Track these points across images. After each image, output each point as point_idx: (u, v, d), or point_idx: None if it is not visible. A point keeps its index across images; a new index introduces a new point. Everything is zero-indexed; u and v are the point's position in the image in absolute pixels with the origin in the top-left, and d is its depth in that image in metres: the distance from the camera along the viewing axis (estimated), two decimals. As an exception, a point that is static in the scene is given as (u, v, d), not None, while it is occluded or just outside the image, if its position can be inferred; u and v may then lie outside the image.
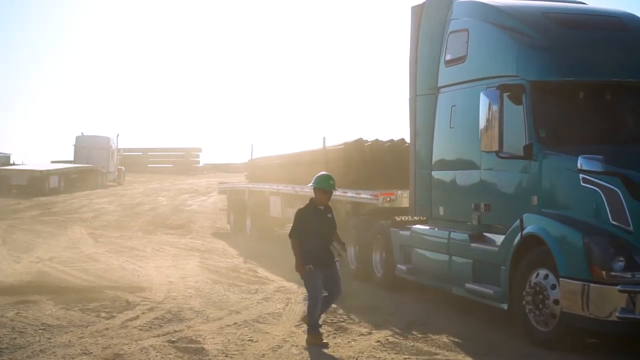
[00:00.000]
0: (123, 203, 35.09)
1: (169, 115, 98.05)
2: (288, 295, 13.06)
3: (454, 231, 11.45)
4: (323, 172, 10.07)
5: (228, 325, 10.60)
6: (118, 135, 50.04)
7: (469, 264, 10.91)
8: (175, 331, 10.19)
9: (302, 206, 9.76)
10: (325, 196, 9.67)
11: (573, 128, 9.97)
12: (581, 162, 8.82)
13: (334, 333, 10.27)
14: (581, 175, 9.11)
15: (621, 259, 8.49)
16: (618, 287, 8.34)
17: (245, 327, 10.56)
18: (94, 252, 18.70)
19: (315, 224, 9.49)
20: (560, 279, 8.92)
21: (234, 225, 24.11)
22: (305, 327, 10.31)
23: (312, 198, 9.74)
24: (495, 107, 9.85)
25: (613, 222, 8.79)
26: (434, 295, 12.34)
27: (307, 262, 9.37)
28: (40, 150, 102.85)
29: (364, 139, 16.26)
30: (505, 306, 9.97)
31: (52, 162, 48.54)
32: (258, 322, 10.90)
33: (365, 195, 14.29)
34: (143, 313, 11.43)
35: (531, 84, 9.96)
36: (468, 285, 10.79)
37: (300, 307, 11.96)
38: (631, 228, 8.64)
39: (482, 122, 10.04)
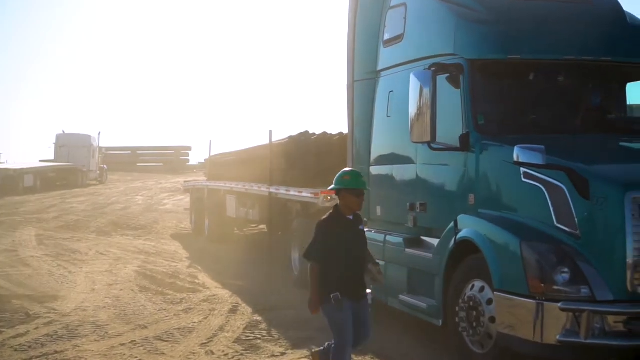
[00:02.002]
0: (96, 202, 33.73)
1: (159, 114, 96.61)
2: (214, 306, 11.62)
3: (390, 234, 10.00)
4: (348, 168, 7.69)
5: (122, 345, 9.18)
6: (100, 133, 48.85)
7: (404, 273, 9.47)
8: (56, 352, 8.79)
9: (323, 217, 7.04)
10: (358, 200, 6.95)
11: (518, 114, 8.53)
12: (518, 154, 7.32)
13: (241, 354, 8.83)
14: (522, 170, 7.64)
15: (565, 270, 7.00)
16: (559, 304, 6.86)
17: (142, 346, 9.13)
18: (30, 255, 17.27)
19: (344, 240, 6.82)
20: (494, 292, 7.46)
21: (195, 226, 22.69)
22: (209, 347, 8.91)
23: (336, 205, 7.03)
24: (426, 91, 8.35)
25: (558, 225, 7.32)
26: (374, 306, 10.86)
27: (332, 290, 6.70)
28: (31, 149, 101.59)
29: (311, 132, 14.80)
30: (439, 322, 8.52)
31: (40, 161, 47.20)
32: (160, 339, 9.47)
33: (306, 194, 12.83)
34: (36, 328, 10.01)
35: (470, 63, 8.50)
36: (402, 297, 9.35)
37: (219, 320, 10.54)
38: (578, 232, 7.16)
39: (412, 109, 8.56)
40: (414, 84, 8.50)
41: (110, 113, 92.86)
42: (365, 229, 10.70)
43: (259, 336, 9.66)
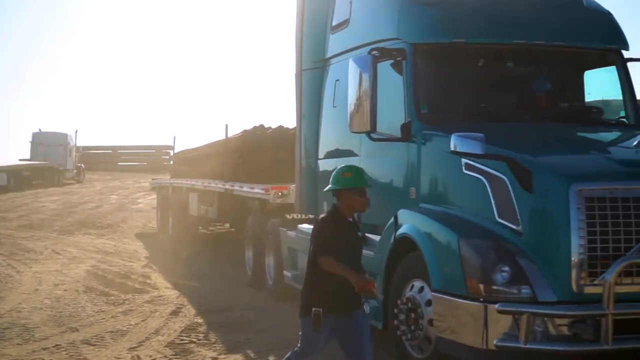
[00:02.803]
0: (68, 201, 33.06)
1: (142, 113, 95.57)
2: (156, 307, 11.03)
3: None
4: (346, 165, 6.49)
5: (45, 349, 8.60)
6: (77, 131, 48.09)
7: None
8: (-29, 356, 8.18)
9: (323, 215, 6.26)
10: (362, 199, 6.09)
11: (464, 102, 7.98)
12: (455, 142, 6.74)
13: (169, 359, 8.27)
14: (463, 161, 7.09)
15: (505, 268, 6.44)
16: (496, 306, 6.29)
17: (65, 350, 8.55)
18: (-19, 254, 16.65)
19: (344, 245, 5.95)
20: (432, 293, 6.90)
21: (160, 224, 22.02)
22: (137, 351, 8.35)
23: (335, 205, 6.10)
24: (366, 77, 7.77)
25: (499, 220, 6.78)
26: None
27: (317, 303, 5.83)
28: (10, 148, 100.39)
29: (266, 125, 14.22)
30: (380, 325, 7.94)
31: (20, 160, 46.41)
32: (88, 343, 8.89)
33: (257, 190, 12.25)
34: (-39, 330, 9.41)
35: (413, 48, 7.94)
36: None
37: (157, 322, 9.96)
38: (520, 227, 6.62)
39: (351, 97, 7.98)
40: (353, 71, 7.93)
41: (91, 112, 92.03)
42: (311, 227, 10.22)
43: (195, 339, 9.08)
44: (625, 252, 6.35)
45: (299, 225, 10.56)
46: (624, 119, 8.43)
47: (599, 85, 8.79)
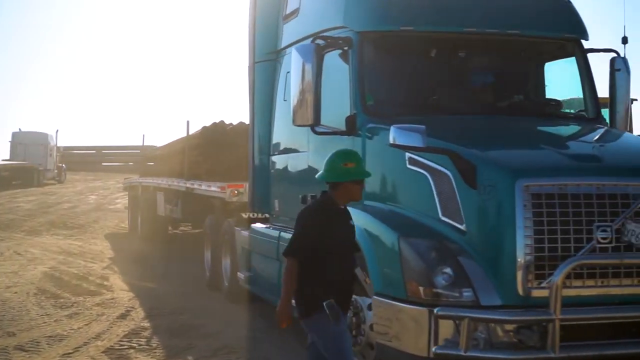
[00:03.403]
0: (44, 202, 32.45)
1: (126, 113, 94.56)
2: (105, 310, 10.58)
3: (285, 231, 8.97)
4: (342, 150, 5.82)
5: (-28, 355, 8.11)
6: (57, 131, 47.40)
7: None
8: None
9: (308, 205, 5.82)
10: (360, 188, 5.60)
11: (412, 94, 7.54)
12: (394, 135, 6.31)
13: (101, 366, 7.81)
14: (407, 155, 6.66)
15: (446, 270, 6.00)
16: (436, 310, 5.85)
17: (-6, 357, 8.07)
18: (-62, 255, 16.14)
19: (337, 235, 5.45)
20: (373, 296, 6.46)
21: (131, 225, 21.53)
22: (71, 357, 7.90)
23: (325, 192, 5.55)
24: (309, 67, 7.33)
25: (443, 218, 6.34)
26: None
27: (323, 297, 5.29)
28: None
29: (227, 121, 13.76)
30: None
31: (3, 160, 45.78)
32: (22, 349, 8.43)
33: (214, 188, 11.80)
34: None
35: (359, 36, 7.49)
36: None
37: (101, 326, 9.51)
38: (464, 226, 6.19)
39: (294, 88, 7.54)
40: (296, 61, 7.47)
41: (75, 112, 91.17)
42: (264, 226, 9.78)
43: (135, 345, 8.62)
44: (576, 253, 5.93)
45: (252, 225, 10.09)
46: (584, 113, 8.01)
47: (560, 78, 8.36)
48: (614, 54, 8.07)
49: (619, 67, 8.04)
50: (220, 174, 12.45)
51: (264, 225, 9.79)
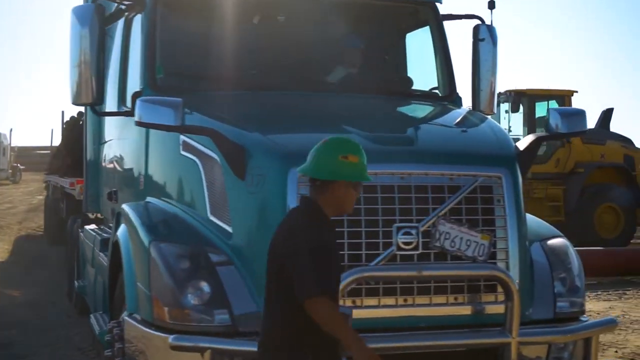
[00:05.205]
0: (-16, 202, 31.15)
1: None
2: None
3: (102, 234, 7.59)
4: (345, 139, 3.91)
5: None
6: (11, 130, 46.05)
7: (101, 284, 7.05)
8: None
9: (295, 222, 3.77)
10: (356, 195, 3.80)
11: (213, 65, 6.12)
12: (139, 111, 4.94)
13: None
14: (182, 138, 5.29)
15: (200, 285, 4.63)
16: (171, 338, 4.45)
17: None
18: None
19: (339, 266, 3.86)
20: (125, 318, 5.06)
21: (45, 227, 20.06)
22: None
23: (310, 201, 3.78)
24: (86, 32, 5.93)
25: (211, 218, 4.97)
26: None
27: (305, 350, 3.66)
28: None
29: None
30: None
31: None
32: None
33: (63, 184, 10.42)
34: None
35: (152, -4, 6.09)
36: (91, 316, 6.96)
37: None
38: (231, 227, 4.81)
39: (72, 57, 6.12)
40: (73, 24, 6.06)
41: (32, 110, 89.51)
42: (93, 228, 8.39)
43: None
44: (368, 262, 4.57)
45: (85, 227, 8.69)
46: (437, 91, 6.62)
47: (418, 51, 6.98)
48: (477, 21, 6.70)
49: (483, 37, 6.65)
50: (81, 170, 11.04)
51: (93, 227, 8.40)
